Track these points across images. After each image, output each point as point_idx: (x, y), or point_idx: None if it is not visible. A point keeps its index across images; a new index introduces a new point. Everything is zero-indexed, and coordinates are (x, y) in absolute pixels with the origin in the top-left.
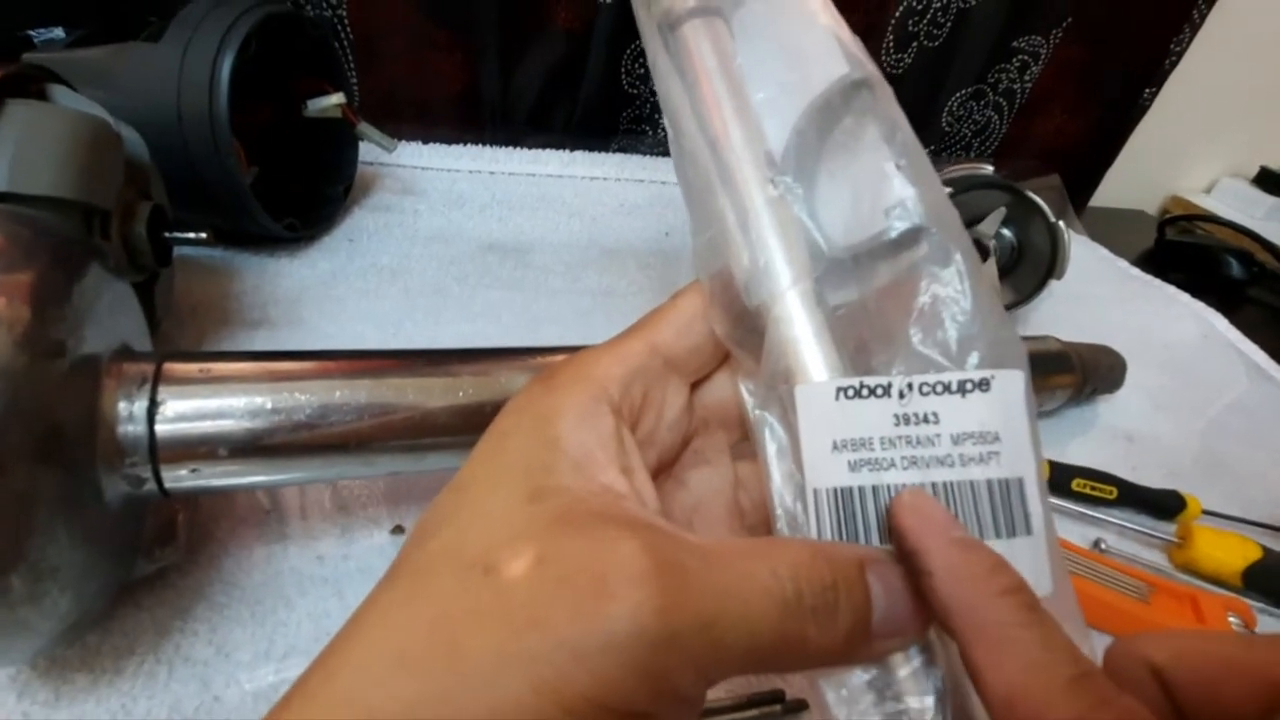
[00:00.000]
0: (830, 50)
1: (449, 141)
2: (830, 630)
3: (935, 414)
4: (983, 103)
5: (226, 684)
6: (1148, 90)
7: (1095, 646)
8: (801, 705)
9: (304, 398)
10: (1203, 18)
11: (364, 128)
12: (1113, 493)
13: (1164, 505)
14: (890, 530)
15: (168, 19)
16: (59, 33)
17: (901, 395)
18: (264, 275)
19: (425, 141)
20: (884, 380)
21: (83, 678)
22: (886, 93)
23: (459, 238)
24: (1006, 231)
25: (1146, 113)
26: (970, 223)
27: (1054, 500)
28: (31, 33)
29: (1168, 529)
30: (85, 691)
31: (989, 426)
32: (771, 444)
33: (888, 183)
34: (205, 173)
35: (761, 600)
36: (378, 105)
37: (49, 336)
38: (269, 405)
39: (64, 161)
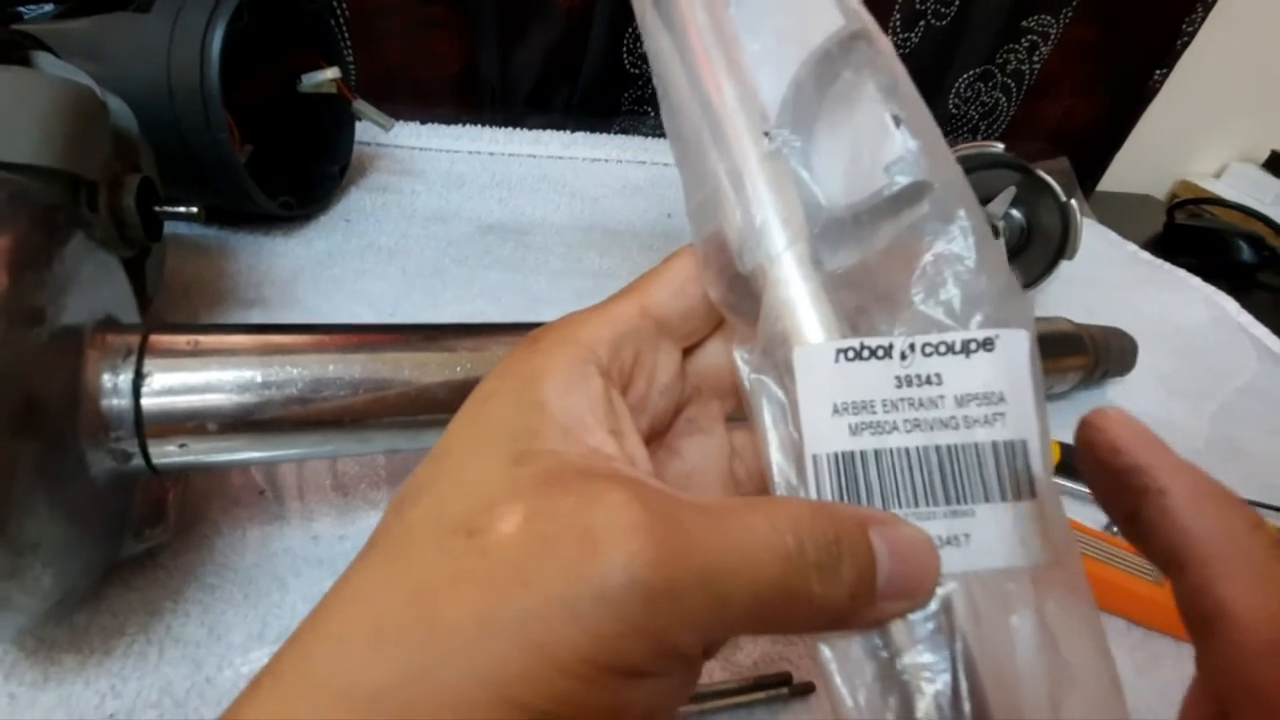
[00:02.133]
0: (826, 1)
1: (448, 122)
2: (835, 586)
3: (938, 375)
4: (991, 84)
5: (219, 666)
6: (1158, 72)
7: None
8: (809, 688)
9: (296, 371)
10: None
11: (360, 105)
12: None
13: None
14: (1089, 444)
15: None
16: (49, 9)
17: (903, 356)
18: (259, 254)
19: (424, 122)
20: (885, 341)
21: (71, 658)
22: (885, 45)
23: (458, 218)
24: (1016, 212)
25: (1157, 95)
26: (979, 202)
27: (1065, 483)
28: (22, 9)
29: None
30: (73, 672)
31: (993, 387)
32: (768, 409)
33: (889, 137)
34: (197, 147)
35: (762, 553)
36: (375, 85)
37: (27, 303)
38: (259, 379)
39: (47, 129)
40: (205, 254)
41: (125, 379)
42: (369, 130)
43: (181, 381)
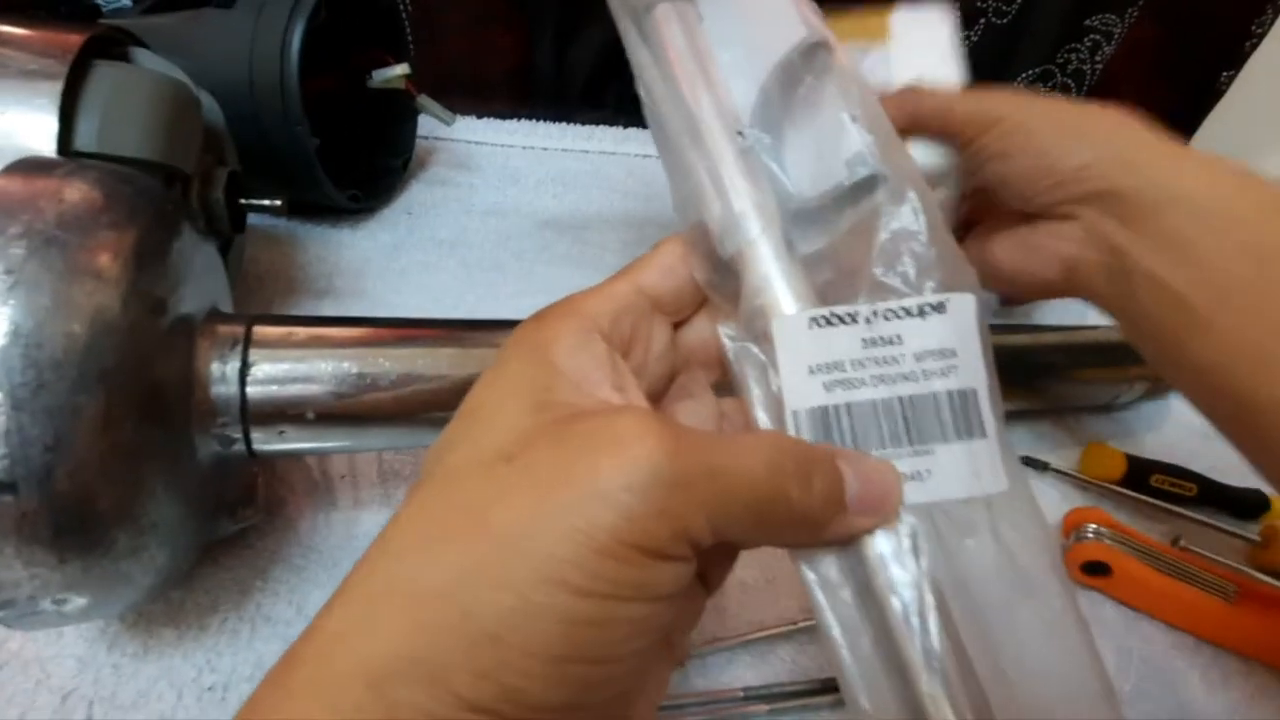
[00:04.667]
0: (789, 16)
1: (503, 117)
2: (808, 492)
3: (899, 335)
4: (1050, 84)
5: None
6: (1225, 74)
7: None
8: None
9: (388, 364)
10: None
11: (424, 100)
12: (1193, 489)
13: (1247, 504)
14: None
15: None
16: (126, 1)
17: (868, 321)
18: (328, 246)
19: (480, 116)
20: (851, 309)
21: (169, 632)
22: (842, 53)
23: (515, 213)
24: None
25: (1222, 98)
26: (927, 185)
27: (1133, 495)
28: (100, 1)
29: (1250, 529)
30: (172, 645)
31: (946, 344)
32: (752, 374)
33: (846, 135)
34: (275, 141)
35: (752, 460)
36: (432, 79)
37: (151, 294)
38: (355, 370)
39: (149, 124)
40: (277, 245)
41: (233, 367)
42: (426, 124)
43: (284, 371)
